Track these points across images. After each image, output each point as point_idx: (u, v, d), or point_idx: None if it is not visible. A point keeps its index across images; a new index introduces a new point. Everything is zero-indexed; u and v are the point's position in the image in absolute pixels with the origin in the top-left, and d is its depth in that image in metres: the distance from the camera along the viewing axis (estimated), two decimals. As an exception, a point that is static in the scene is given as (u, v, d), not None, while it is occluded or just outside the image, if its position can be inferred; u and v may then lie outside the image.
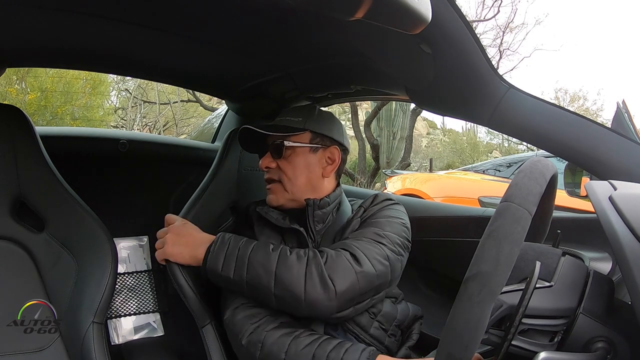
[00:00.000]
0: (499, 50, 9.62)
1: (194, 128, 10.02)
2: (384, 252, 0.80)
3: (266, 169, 0.92)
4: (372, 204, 0.93)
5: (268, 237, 0.91)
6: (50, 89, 8.91)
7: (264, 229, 0.92)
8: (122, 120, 11.86)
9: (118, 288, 1.20)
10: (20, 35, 0.91)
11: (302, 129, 0.91)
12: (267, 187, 0.93)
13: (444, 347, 0.44)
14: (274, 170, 0.92)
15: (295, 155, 0.91)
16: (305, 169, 0.91)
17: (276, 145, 0.90)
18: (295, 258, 0.76)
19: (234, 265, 0.78)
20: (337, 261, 0.75)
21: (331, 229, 0.92)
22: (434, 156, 13.48)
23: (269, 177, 0.93)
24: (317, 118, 0.93)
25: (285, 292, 0.74)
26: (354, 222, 0.90)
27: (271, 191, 0.93)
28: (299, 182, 0.91)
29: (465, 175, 4.23)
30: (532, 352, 0.52)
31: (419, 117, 9.61)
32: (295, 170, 0.90)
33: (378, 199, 0.94)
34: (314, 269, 0.74)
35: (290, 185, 0.90)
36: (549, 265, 0.56)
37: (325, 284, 0.73)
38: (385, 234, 0.83)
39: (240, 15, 0.83)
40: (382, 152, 7.34)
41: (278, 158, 0.91)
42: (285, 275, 0.74)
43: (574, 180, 0.90)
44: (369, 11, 0.48)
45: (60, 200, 0.91)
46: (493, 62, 0.86)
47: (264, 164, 0.92)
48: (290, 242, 0.90)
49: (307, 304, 0.73)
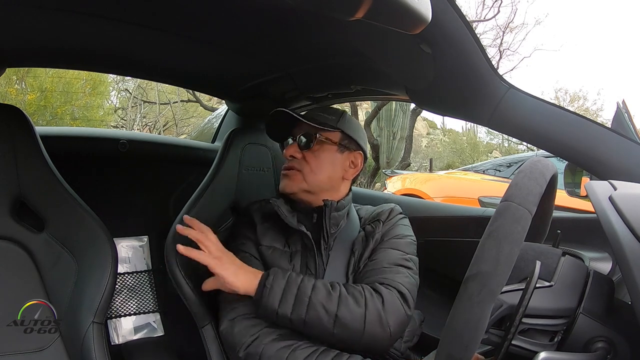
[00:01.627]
0: (499, 50, 9.62)
1: (194, 128, 10.02)
2: (413, 279, 0.85)
3: (290, 157, 0.91)
4: (388, 218, 0.93)
5: (272, 239, 0.90)
6: (50, 89, 8.90)
7: (267, 231, 0.91)
8: (122, 120, 11.86)
9: (118, 288, 1.20)
10: (20, 35, 0.91)
11: (335, 127, 0.91)
12: (284, 173, 0.92)
13: (444, 347, 0.45)
14: (297, 160, 0.91)
15: (322, 150, 0.90)
16: (330, 166, 0.91)
17: (308, 135, 0.90)
18: (354, 301, 0.76)
19: (293, 303, 0.76)
20: (392, 304, 0.78)
21: (344, 234, 0.91)
22: (434, 156, 13.47)
23: (290, 165, 0.91)
24: (348, 121, 0.94)
25: (344, 332, 0.76)
26: (376, 236, 0.89)
27: (288, 177, 0.91)
28: (321, 177, 0.90)
29: (465, 175, 4.23)
30: (532, 351, 0.53)
31: (419, 117, 9.61)
32: (320, 164, 0.90)
33: (393, 213, 0.95)
34: (373, 311, 0.76)
35: (311, 176, 0.89)
36: (549, 265, 0.56)
37: (383, 327, 0.76)
38: (409, 257, 0.88)
39: (240, 15, 0.83)
40: (382, 152, 7.34)
41: (306, 149, 0.90)
42: (346, 317, 0.75)
43: (574, 180, 0.90)
44: (369, 11, 0.48)
45: (60, 200, 0.91)
46: (493, 62, 0.86)
47: (289, 152, 0.91)
48: (294, 244, 0.90)
49: (364, 343, 0.76)
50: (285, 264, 0.87)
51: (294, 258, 0.89)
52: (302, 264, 0.88)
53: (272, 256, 0.88)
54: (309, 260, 0.88)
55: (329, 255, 0.89)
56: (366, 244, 0.89)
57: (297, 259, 0.88)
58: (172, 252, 0.92)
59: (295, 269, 0.87)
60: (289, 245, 0.90)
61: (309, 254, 0.88)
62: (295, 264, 0.88)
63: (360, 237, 0.91)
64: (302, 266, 0.88)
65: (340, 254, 0.89)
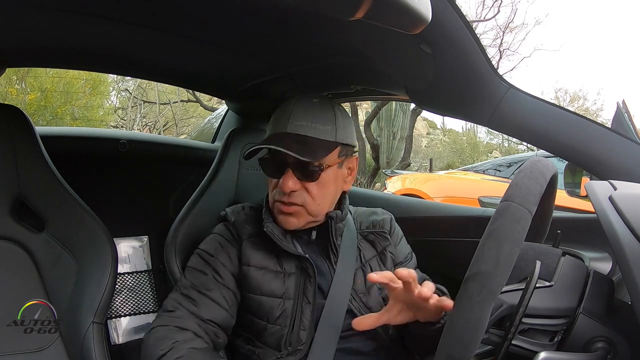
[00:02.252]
0: (499, 50, 9.63)
1: (194, 128, 10.01)
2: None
3: (290, 192, 0.78)
4: (392, 232, 0.93)
5: (262, 259, 0.81)
6: (50, 89, 8.90)
7: (257, 249, 0.82)
8: (122, 120, 11.86)
9: (118, 288, 1.20)
10: (20, 35, 0.91)
11: (334, 143, 0.79)
12: (286, 211, 0.80)
13: (444, 347, 0.45)
14: (297, 193, 0.79)
15: (325, 175, 0.79)
16: (333, 186, 0.82)
17: (312, 169, 0.77)
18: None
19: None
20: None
21: (346, 240, 0.87)
22: (434, 156, 13.48)
23: (291, 201, 0.79)
24: (343, 124, 0.81)
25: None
26: (388, 252, 0.89)
27: (292, 215, 0.80)
28: (325, 202, 0.82)
29: (465, 175, 4.23)
30: (532, 351, 0.52)
31: (419, 117, 9.61)
32: (324, 191, 0.80)
33: (393, 223, 0.94)
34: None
35: (314, 207, 0.80)
36: (549, 265, 0.56)
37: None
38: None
39: (240, 15, 0.83)
40: (382, 152, 7.35)
41: (307, 180, 0.79)
42: None
43: (574, 180, 0.90)
44: (369, 11, 0.48)
45: (60, 200, 0.91)
46: (493, 62, 0.85)
47: (288, 186, 0.77)
48: (287, 265, 0.82)
49: None
50: (277, 287, 0.80)
51: (287, 280, 0.81)
52: (296, 289, 0.81)
53: (264, 279, 0.80)
54: (306, 287, 0.81)
55: (335, 270, 0.83)
56: (373, 256, 0.88)
57: (290, 282, 0.81)
58: (171, 252, 0.92)
59: (287, 293, 0.80)
60: (282, 266, 0.82)
61: (307, 280, 0.81)
62: (288, 287, 0.80)
63: (365, 247, 0.89)
64: (296, 291, 0.80)
65: (346, 268, 0.84)
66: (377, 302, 0.85)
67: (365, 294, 0.84)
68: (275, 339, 0.79)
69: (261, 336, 0.80)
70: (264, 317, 0.80)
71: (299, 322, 0.79)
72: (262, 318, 0.80)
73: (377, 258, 0.89)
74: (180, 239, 0.94)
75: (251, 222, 0.86)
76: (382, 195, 1.94)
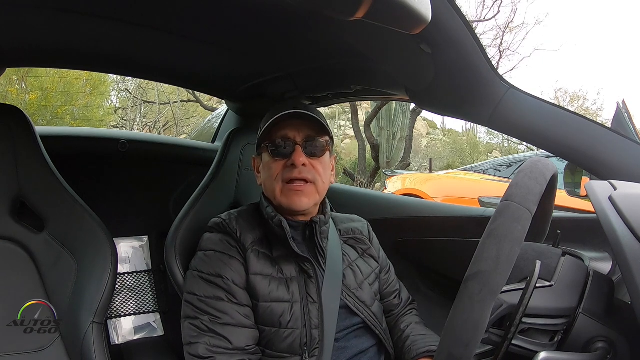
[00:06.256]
0: (499, 50, 9.63)
1: (194, 128, 10.02)
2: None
3: (302, 165, 0.79)
4: (371, 237, 0.97)
5: (265, 266, 0.81)
6: (50, 89, 8.91)
7: (261, 257, 0.81)
8: (122, 120, 11.87)
9: (118, 288, 1.20)
10: (20, 35, 0.91)
11: (327, 130, 0.84)
12: (297, 189, 0.80)
13: (444, 347, 0.44)
14: (307, 168, 0.80)
15: (325, 156, 0.84)
16: (328, 171, 0.85)
17: (321, 141, 0.82)
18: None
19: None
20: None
21: (332, 246, 0.87)
22: (434, 156, 13.48)
23: (303, 177, 0.79)
24: (327, 123, 0.85)
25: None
26: (381, 260, 0.95)
27: (303, 193, 0.80)
28: (326, 184, 0.84)
29: (465, 175, 4.23)
30: (532, 351, 0.52)
31: (419, 117, 9.61)
32: (327, 171, 0.84)
33: (371, 233, 0.99)
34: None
35: (322, 187, 0.82)
36: (549, 265, 0.56)
37: None
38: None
39: (240, 15, 0.83)
40: (382, 152, 7.35)
41: (314, 157, 0.81)
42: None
43: (574, 180, 0.90)
44: (369, 11, 0.48)
45: (60, 200, 0.91)
46: (493, 62, 0.85)
47: (301, 159, 0.79)
48: (287, 269, 0.81)
49: None
50: (284, 293, 0.79)
51: (291, 284, 0.80)
52: (301, 292, 0.80)
53: (271, 287, 0.79)
54: (309, 287, 0.81)
55: (324, 273, 0.83)
56: (357, 257, 0.92)
57: (294, 285, 0.80)
58: (172, 252, 0.92)
59: (294, 297, 0.79)
60: (282, 272, 0.81)
61: (308, 280, 0.81)
62: (293, 290, 0.80)
63: (348, 250, 0.91)
64: (301, 294, 0.80)
65: (336, 267, 0.85)
66: (370, 295, 0.88)
67: (357, 289, 0.86)
68: (288, 343, 0.78)
69: (273, 344, 0.79)
70: (276, 323, 0.78)
71: (309, 322, 0.80)
72: (274, 324, 0.79)
73: (361, 259, 0.92)
74: (180, 239, 0.94)
75: (252, 227, 0.85)
76: (382, 195, 1.94)
